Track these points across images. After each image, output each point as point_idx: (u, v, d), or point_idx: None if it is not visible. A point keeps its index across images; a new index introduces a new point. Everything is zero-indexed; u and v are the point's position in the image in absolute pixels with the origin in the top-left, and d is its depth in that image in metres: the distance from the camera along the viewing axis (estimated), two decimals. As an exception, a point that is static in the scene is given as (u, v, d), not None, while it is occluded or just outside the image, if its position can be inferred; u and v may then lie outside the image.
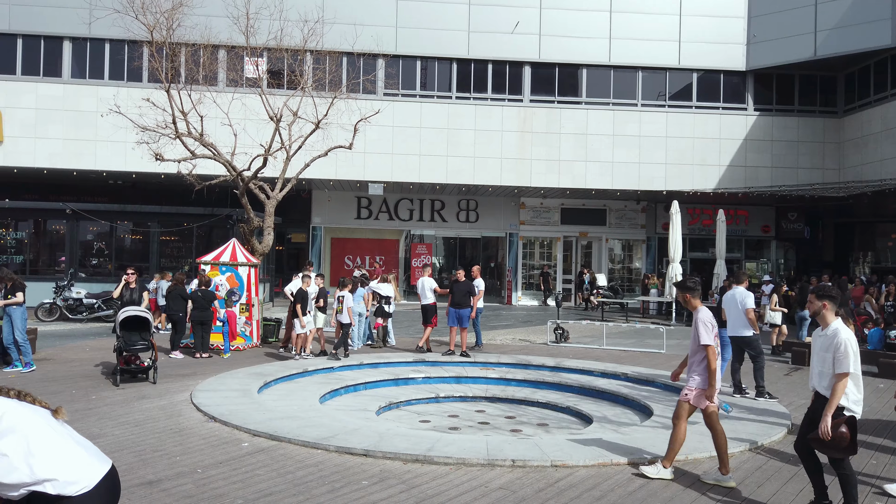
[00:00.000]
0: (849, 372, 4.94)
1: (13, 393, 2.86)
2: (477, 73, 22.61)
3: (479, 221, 25.57)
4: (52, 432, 2.82)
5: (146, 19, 14.15)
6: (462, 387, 10.82)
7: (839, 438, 4.86)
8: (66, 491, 2.71)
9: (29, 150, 20.30)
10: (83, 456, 2.85)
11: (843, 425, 4.87)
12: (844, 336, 5.02)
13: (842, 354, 4.96)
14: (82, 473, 2.78)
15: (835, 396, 4.92)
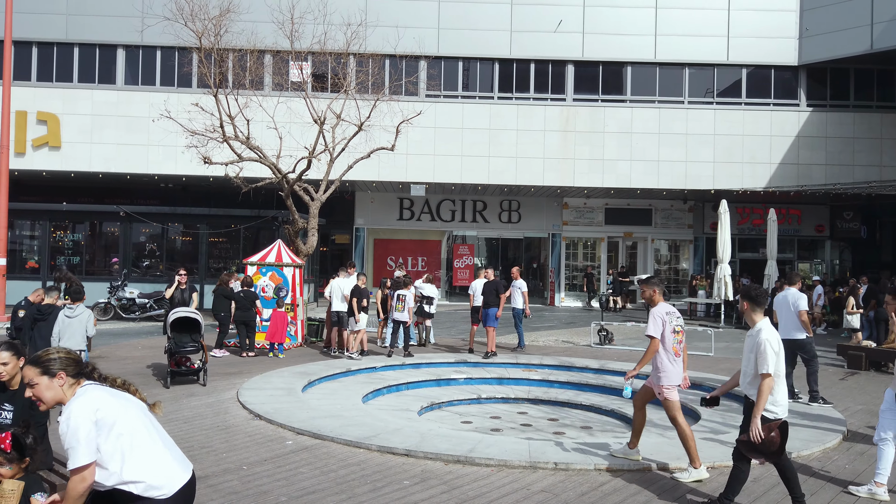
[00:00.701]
0: (770, 372, 4.92)
1: (119, 381, 2.99)
2: (519, 73, 22.48)
3: (521, 222, 25.42)
4: (147, 434, 2.92)
5: (195, 26, 14.52)
6: (504, 388, 10.75)
7: (769, 442, 4.84)
8: (149, 494, 2.83)
9: (85, 155, 21.06)
10: (170, 461, 2.96)
11: (774, 429, 4.85)
12: (765, 336, 5.01)
13: (762, 354, 4.96)
14: (167, 480, 2.91)
15: (761, 397, 4.91)
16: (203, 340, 9.99)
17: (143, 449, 2.87)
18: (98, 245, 22.04)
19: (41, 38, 21.20)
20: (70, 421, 2.73)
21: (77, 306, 8.42)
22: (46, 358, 2.89)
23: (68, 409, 2.78)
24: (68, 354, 2.96)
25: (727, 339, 15.81)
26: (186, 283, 12.44)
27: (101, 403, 2.81)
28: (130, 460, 2.82)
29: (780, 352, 5.04)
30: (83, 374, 2.95)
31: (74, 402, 2.81)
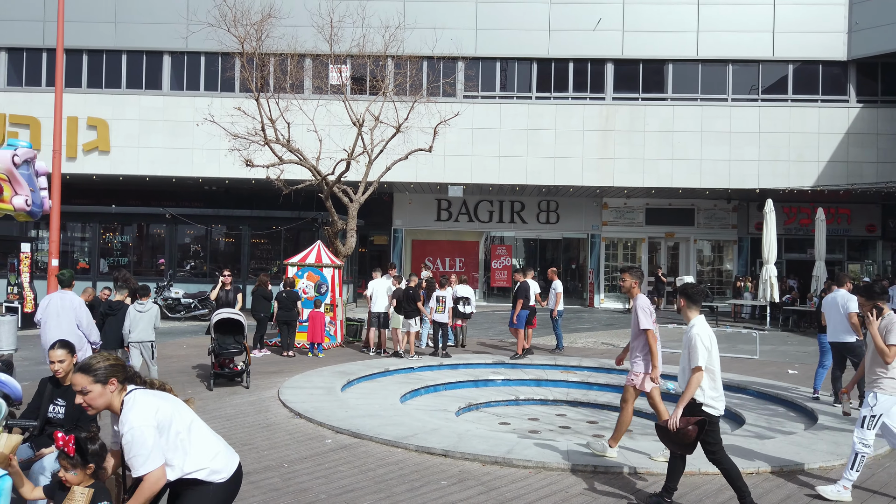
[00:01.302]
0: (701, 366, 5.02)
1: (157, 384, 3.08)
2: (557, 73, 22.32)
3: (559, 222, 25.22)
4: (200, 425, 3.09)
5: (237, 31, 14.83)
6: (542, 390, 10.68)
7: (683, 434, 4.92)
8: (212, 478, 3.00)
9: (132, 159, 21.68)
10: (223, 448, 3.13)
11: (692, 423, 4.93)
12: (696, 331, 5.17)
13: (693, 349, 5.08)
14: (225, 464, 3.08)
15: (688, 390, 5.06)
16: (247, 342, 9.98)
17: (200, 440, 3.04)
18: (145, 246, 22.66)
19: (91, 46, 21.91)
20: (135, 431, 2.81)
21: (146, 302, 8.98)
22: (97, 366, 2.94)
23: (129, 420, 2.84)
24: (116, 361, 3.02)
25: (773, 342, 15.40)
26: (231, 284, 12.42)
27: (156, 407, 2.92)
28: (191, 453, 2.98)
29: (711, 347, 5.13)
30: (128, 379, 3.03)
31: (132, 412, 2.87)
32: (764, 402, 9.07)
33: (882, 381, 5.44)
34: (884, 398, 5.41)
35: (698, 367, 5.05)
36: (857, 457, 5.42)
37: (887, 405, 5.42)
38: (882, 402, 5.41)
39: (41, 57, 22.10)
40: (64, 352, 4.44)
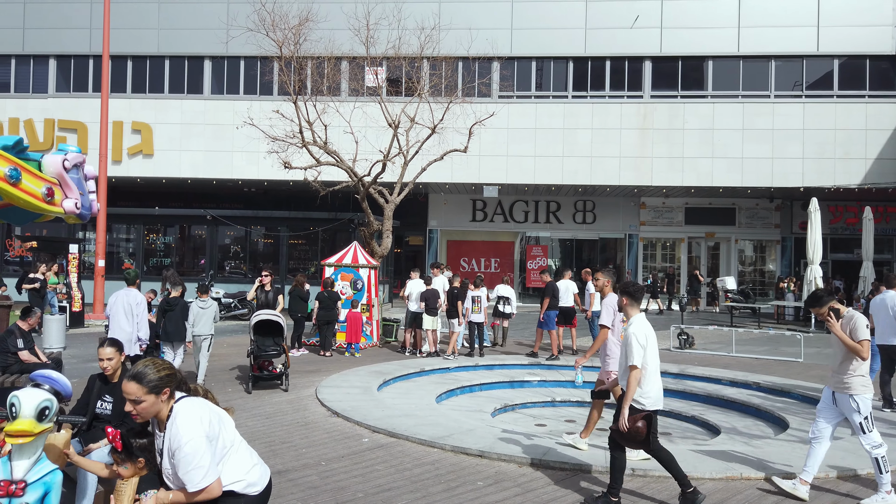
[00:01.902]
0: (636, 365, 5.13)
1: (201, 391, 3.09)
2: (594, 71, 22.10)
3: (596, 222, 24.97)
4: (239, 438, 3.11)
5: (276, 36, 15.07)
6: (579, 391, 10.57)
7: (634, 432, 5.12)
8: (248, 490, 3.02)
9: (175, 162, 22.20)
10: (257, 460, 3.16)
11: (640, 420, 5.11)
12: (632, 330, 5.26)
13: (629, 347, 5.20)
14: (260, 477, 3.11)
15: (628, 389, 5.17)
16: (286, 344, 9.82)
17: (239, 453, 3.06)
18: (187, 247, 23.18)
19: (135, 52, 22.51)
20: (192, 445, 2.77)
21: (206, 299, 9.67)
22: (152, 376, 2.86)
23: (182, 435, 2.79)
24: (170, 370, 2.97)
25: (818, 345, 14.98)
26: (272, 285, 12.12)
27: (205, 418, 2.89)
28: (230, 464, 2.99)
29: (648, 346, 5.22)
30: (177, 387, 3.00)
31: (184, 426, 2.82)
32: (809, 406, 8.82)
33: (853, 383, 5.38)
34: (863, 399, 5.36)
35: (634, 366, 5.15)
36: (879, 461, 5.34)
37: (869, 403, 5.38)
38: (864, 402, 5.36)
39: (88, 64, 22.79)
40: (113, 350, 4.59)
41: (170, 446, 2.81)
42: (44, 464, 2.59)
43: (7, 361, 8.09)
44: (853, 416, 5.38)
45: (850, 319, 5.42)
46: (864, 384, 5.37)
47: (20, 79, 23.06)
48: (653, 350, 5.27)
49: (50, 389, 2.63)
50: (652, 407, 5.23)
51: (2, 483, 2.50)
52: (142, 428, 3.13)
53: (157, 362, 2.97)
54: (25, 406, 2.52)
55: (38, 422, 2.53)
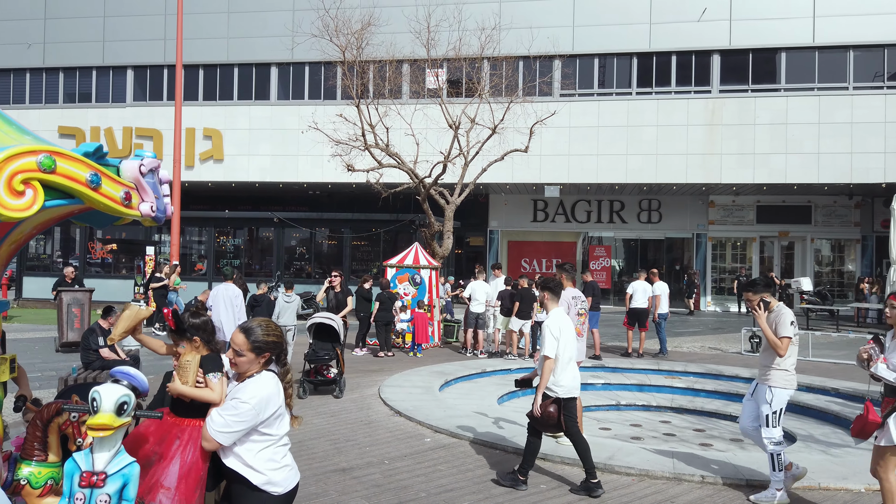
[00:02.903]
0: (549, 355, 5.50)
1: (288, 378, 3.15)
2: (659, 67, 21.54)
3: (662, 222, 24.33)
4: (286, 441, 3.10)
5: (339, 41, 15.35)
6: (645, 395, 10.34)
7: (547, 416, 5.48)
8: (266, 488, 2.95)
9: (243, 166, 22.93)
10: (289, 462, 3.09)
11: (551, 405, 5.51)
12: (547, 322, 5.69)
13: (542, 338, 5.62)
14: (285, 479, 3.03)
15: (542, 377, 5.54)
16: (339, 349, 9.39)
17: (275, 449, 3.02)
18: (255, 248, 23.90)
19: (206, 61, 23.37)
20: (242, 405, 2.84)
21: (291, 294, 10.70)
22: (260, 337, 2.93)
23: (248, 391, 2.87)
24: (278, 338, 3.01)
25: (903, 350, 14.13)
26: (342, 286, 11.75)
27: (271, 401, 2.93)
28: (263, 455, 2.96)
29: (561, 337, 5.57)
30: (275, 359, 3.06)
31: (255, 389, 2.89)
32: (894, 415, 8.33)
33: (773, 375, 5.36)
34: (779, 392, 5.33)
35: (546, 356, 5.55)
36: (774, 457, 5.31)
37: (784, 398, 5.34)
38: (778, 396, 5.33)
39: (162, 73, 23.81)
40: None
41: (234, 392, 2.93)
42: (122, 457, 2.71)
43: (89, 358, 8.54)
44: (763, 407, 5.37)
45: (778, 314, 5.34)
46: (786, 379, 5.34)
47: (101, 89, 24.31)
48: (566, 342, 5.60)
49: (128, 385, 2.75)
50: (565, 395, 5.58)
51: (84, 474, 2.64)
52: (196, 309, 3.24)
53: (270, 326, 3.02)
54: (106, 401, 2.64)
55: (117, 416, 2.64)
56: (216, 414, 2.88)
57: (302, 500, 5.27)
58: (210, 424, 2.87)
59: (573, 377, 5.67)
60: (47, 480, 3.29)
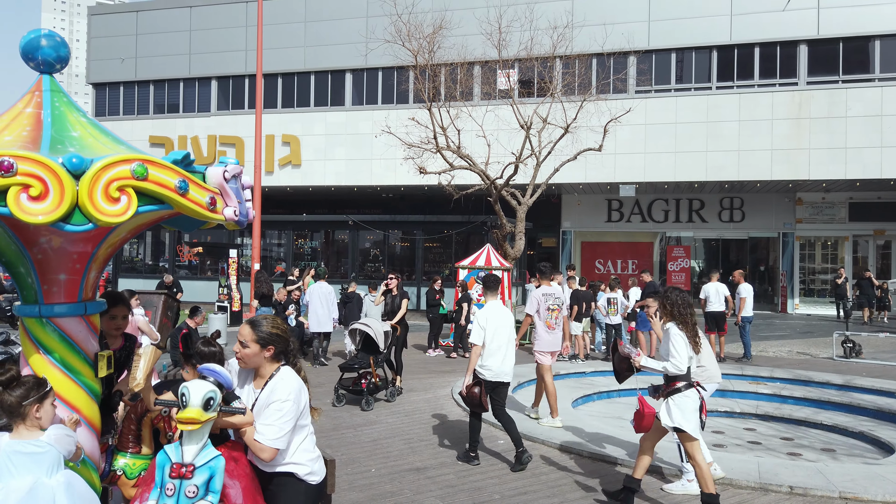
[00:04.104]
0: (476, 343, 6.16)
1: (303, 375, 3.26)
2: (741, 59, 20.68)
3: (744, 221, 23.32)
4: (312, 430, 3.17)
5: (411, 45, 15.54)
6: (728, 401, 9.93)
7: (471, 396, 6.13)
8: (309, 479, 3.06)
9: (319, 171, 23.57)
10: (319, 454, 3.20)
11: (475, 387, 6.12)
12: (478, 313, 6.34)
13: (473, 328, 6.28)
14: (320, 468, 3.15)
15: (469, 362, 6.20)
16: (372, 360, 8.78)
17: (310, 440, 3.12)
18: (331, 251, 24.51)
19: (284, 70, 24.17)
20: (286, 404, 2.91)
21: (375, 294, 11.05)
22: (264, 329, 3.04)
23: (285, 389, 2.95)
24: (284, 332, 3.10)
25: None
26: (399, 289, 11.03)
27: (302, 392, 3.04)
28: (302, 447, 3.06)
29: (488, 327, 6.18)
30: (285, 355, 3.11)
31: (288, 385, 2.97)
32: None
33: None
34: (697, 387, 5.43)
35: (473, 343, 6.21)
36: (680, 448, 5.63)
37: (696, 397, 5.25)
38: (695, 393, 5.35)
39: (244, 83, 24.80)
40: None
41: (268, 398, 2.95)
42: (209, 450, 2.83)
43: (178, 356, 8.98)
44: None
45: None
46: (700, 376, 5.62)
47: (187, 100, 25.56)
48: (493, 331, 6.20)
49: (214, 382, 2.87)
50: (492, 378, 6.23)
51: (174, 465, 2.77)
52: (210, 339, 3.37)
53: (275, 321, 3.12)
54: (194, 396, 2.77)
55: (204, 411, 2.77)
56: (263, 426, 2.91)
57: (378, 497, 5.36)
58: (263, 439, 2.89)
59: (501, 363, 6.26)
60: (141, 471, 3.49)
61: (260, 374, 3.07)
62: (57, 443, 2.77)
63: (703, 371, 5.72)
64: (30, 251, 2.97)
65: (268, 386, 3.01)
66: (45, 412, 2.82)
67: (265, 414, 2.93)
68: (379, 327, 8.98)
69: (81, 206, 2.52)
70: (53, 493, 2.69)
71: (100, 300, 3.35)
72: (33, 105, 2.97)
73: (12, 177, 2.42)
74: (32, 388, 2.79)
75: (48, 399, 2.84)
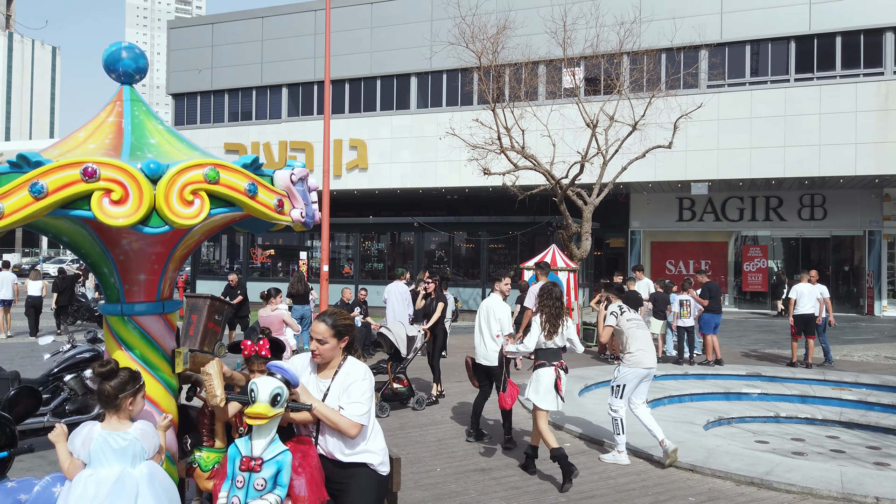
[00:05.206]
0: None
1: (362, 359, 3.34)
2: (821, 49, 19.67)
3: (826, 218, 22.16)
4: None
5: (475, 47, 15.56)
6: (809, 407, 9.48)
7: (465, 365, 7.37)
8: (381, 469, 3.12)
9: (385, 174, 23.90)
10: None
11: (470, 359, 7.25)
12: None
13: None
14: (388, 459, 3.21)
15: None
16: (390, 366, 8.45)
17: (379, 430, 3.17)
18: (397, 252, 24.79)
19: (351, 76, 24.65)
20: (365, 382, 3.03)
21: (446, 293, 11.05)
22: (339, 322, 3.11)
23: (357, 370, 3.07)
24: (351, 323, 3.19)
25: None
26: (436, 292, 10.41)
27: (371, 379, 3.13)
28: (374, 437, 3.11)
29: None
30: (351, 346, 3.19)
31: (360, 367, 3.10)
32: None
33: (623, 358, 6.48)
34: (625, 370, 6.39)
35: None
36: (614, 422, 6.39)
37: (629, 377, 6.34)
38: (623, 373, 6.39)
39: (312, 89, 25.44)
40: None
41: (343, 382, 3.04)
42: (276, 445, 2.92)
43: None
44: (613, 381, 6.54)
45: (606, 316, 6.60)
46: (628, 361, 6.38)
47: (259, 107, 26.45)
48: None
49: (281, 379, 2.95)
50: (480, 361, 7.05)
51: (244, 458, 2.87)
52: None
53: (342, 313, 3.20)
54: (262, 392, 2.86)
55: (271, 406, 2.85)
56: (349, 405, 2.99)
57: (443, 497, 5.38)
58: (350, 416, 2.97)
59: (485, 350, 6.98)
60: (214, 464, 3.62)
61: (329, 366, 3.15)
62: (142, 437, 2.92)
63: (630, 357, 6.37)
64: (112, 253, 3.14)
65: (339, 373, 3.10)
66: (137, 405, 2.98)
67: (348, 393, 3.02)
68: (402, 332, 8.45)
69: (158, 210, 2.65)
70: (137, 483, 2.84)
71: (177, 299, 3.51)
72: (115, 114, 3.15)
73: (95, 182, 2.57)
74: (128, 381, 2.94)
75: (140, 393, 3.00)
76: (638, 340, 6.36)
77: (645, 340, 6.39)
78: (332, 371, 3.13)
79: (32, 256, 50.07)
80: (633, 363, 6.33)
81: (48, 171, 2.54)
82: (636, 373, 6.32)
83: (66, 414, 6.55)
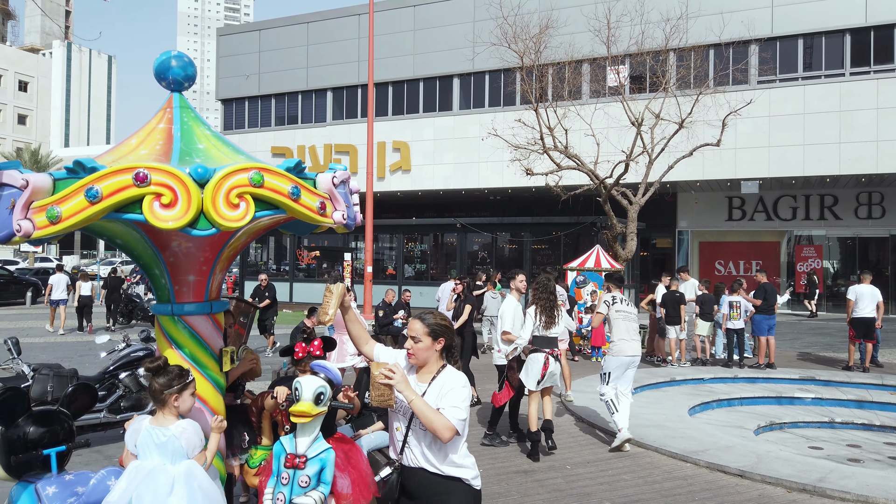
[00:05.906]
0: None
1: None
2: (878, 41, 18.92)
3: (885, 217, 21.29)
4: None
5: (517, 47, 15.49)
6: (866, 413, 9.14)
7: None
8: (474, 483, 2.95)
9: (428, 175, 24.01)
10: None
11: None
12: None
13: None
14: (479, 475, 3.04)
15: None
16: None
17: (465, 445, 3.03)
18: (440, 253, 24.88)
19: (394, 79, 24.86)
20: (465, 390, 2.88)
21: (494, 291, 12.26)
22: (434, 322, 2.98)
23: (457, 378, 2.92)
24: (448, 324, 3.07)
25: None
26: (463, 294, 9.92)
27: None
28: (463, 450, 2.95)
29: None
30: (449, 351, 3.06)
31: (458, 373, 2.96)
32: None
33: (609, 348, 7.03)
34: (609, 358, 6.94)
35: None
36: (606, 405, 6.90)
37: (612, 364, 6.89)
38: (608, 361, 6.96)
39: (356, 93, 25.75)
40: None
41: (441, 388, 2.89)
42: (320, 443, 2.97)
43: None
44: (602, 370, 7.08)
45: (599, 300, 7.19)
46: (611, 349, 6.94)
47: (305, 111, 26.90)
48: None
49: (325, 378, 3.00)
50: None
51: (289, 456, 2.94)
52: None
53: (440, 315, 3.08)
54: (306, 391, 2.92)
55: (314, 405, 2.91)
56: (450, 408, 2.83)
57: (485, 498, 5.37)
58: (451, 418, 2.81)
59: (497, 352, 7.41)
60: (261, 461, 3.71)
61: (427, 370, 3.01)
62: (181, 435, 2.96)
63: (613, 346, 6.91)
64: (163, 255, 3.25)
65: (437, 379, 2.95)
66: (184, 402, 3.03)
67: (447, 398, 2.87)
68: None
69: (206, 213, 2.73)
70: (173, 479, 2.88)
71: (223, 300, 3.60)
72: (165, 121, 3.26)
73: (146, 186, 2.66)
74: (175, 377, 3.02)
75: (188, 390, 3.05)
76: (620, 331, 6.90)
77: (627, 331, 6.90)
78: (429, 376, 2.99)
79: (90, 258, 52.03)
80: (616, 351, 6.88)
81: (102, 177, 2.65)
82: (619, 360, 6.86)
83: (121, 410, 6.80)
